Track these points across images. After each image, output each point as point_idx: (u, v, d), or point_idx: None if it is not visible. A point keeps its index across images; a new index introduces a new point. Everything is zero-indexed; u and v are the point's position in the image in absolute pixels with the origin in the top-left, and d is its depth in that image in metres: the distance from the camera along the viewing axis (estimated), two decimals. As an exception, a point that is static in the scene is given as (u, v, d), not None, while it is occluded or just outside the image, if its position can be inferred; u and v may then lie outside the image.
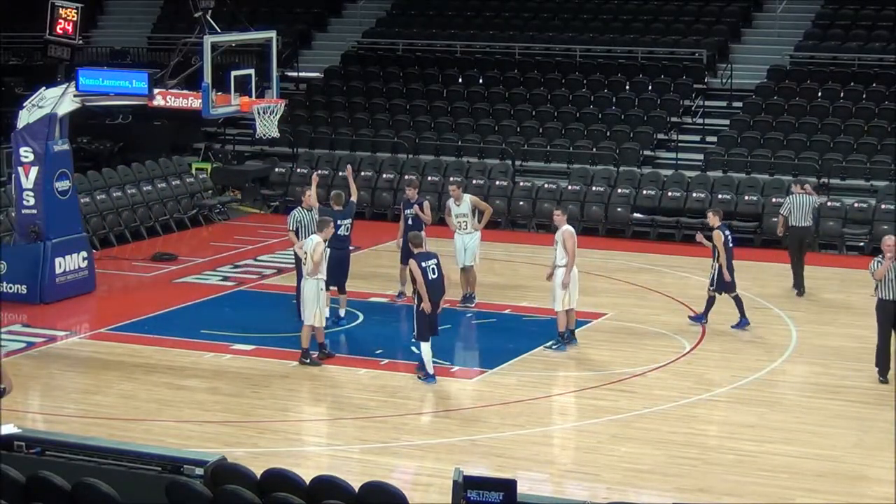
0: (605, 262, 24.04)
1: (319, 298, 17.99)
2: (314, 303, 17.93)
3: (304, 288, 18.08)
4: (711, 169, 27.89)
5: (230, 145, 31.83)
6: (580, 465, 14.84)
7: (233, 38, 21.97)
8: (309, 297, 17.95)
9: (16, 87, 32.22)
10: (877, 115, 28.26)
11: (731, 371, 18.03)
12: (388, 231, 24.04)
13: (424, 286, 17.01)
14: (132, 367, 18.17)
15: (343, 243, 19.88)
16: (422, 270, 17.07)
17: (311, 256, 17.79)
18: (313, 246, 17.88)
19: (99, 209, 26.23)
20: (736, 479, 14.11)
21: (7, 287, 21.54)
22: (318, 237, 18.01)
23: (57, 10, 22.99)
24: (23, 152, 21.61)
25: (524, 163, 29.35)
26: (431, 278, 17.18)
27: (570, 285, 18.64)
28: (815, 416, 16.21)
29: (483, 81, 31.96)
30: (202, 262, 24.59)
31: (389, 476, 13.73)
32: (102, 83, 21.19)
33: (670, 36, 32.40)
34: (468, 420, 16.18)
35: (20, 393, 17.11)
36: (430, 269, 17.19)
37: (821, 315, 21.00)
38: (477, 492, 9.48)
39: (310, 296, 17.94)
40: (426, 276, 17.10)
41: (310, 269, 17.87)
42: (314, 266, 17.80)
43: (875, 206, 25.67)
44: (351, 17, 36.39)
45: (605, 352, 18.94)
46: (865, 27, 31.41)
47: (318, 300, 17.96)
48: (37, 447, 11.27)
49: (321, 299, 18.05)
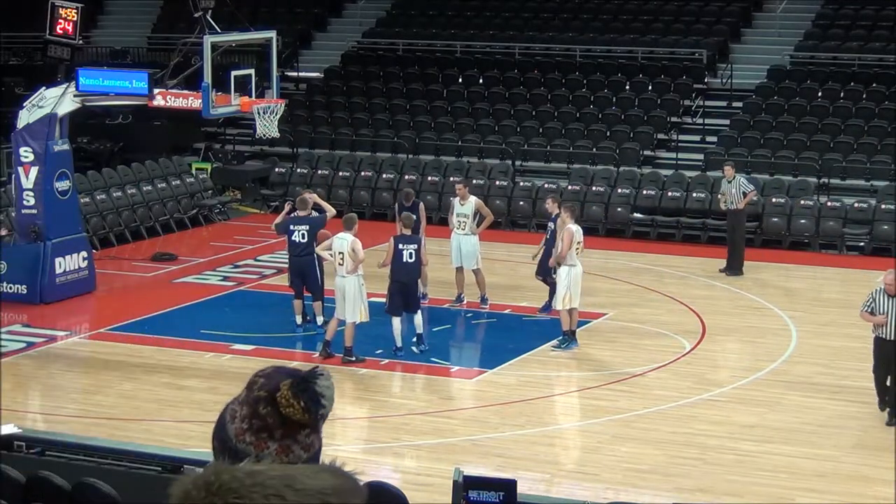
0: (605, 262, 24.04)
1: (362, 294, 18.01)
2: (358, 299, 17.91)
3: (345, 286, 17.91)
4: (711, 169, 27.87)
5: (230, 145, 31.83)
6: (580, 465, 14.85)
7: (233, 38, 21.98)
8: (352, 295, 17.89)
9: (16, 87, 32.21)
10: (877, 115, 28.25)
11: (731, 371, 18.04)
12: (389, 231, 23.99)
13: (394, 265, 18.36)
14: (132, 367, 18.17)
15: (296, 249, 19.45)
16: (397, 252, 18.29)
17: (357, 255, 17.75)
18: (350, 244, 17.85)
19: (99, 209, 26.23)
20: (736, 479, 14.11)
21: (7, 287, 21.54)
22: (351, 235, 18.01)
23: (57, 10, 22.98)
24: (23, 152, 21.60)
25: (524, 163, 29.35)
26: (407, 261, 18.36)
27: (572, 286, 18.61)
28: (815, 416, 16.21)
29: (483, 81, 31.96)
30: (202, 262, 24.58)
31: (389, 476, 13.74)
32: (102, 83, 21.20)
33: (670, 36, 32.39)
34: (468, 420, 16.18)
35: (20, 393, 17.14)
36: (408, 253, 18.39)
37: (821, 315, 20.99)
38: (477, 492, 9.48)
39: (353, 293, 17.89)
40: (401, 257, 18.32)
41: (350, 267, 17.84)
42: (356, 264, 17.81)
43: (875, 206, 25.66)
44: (351, 17, 36.38)
45: (605, 352, 18.94)
46: (865, 27, 31.40)
47: (361, 296, 17.97)
48: (37, 447, 11.27)
49: (363, 294, 18.07)
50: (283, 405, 3.23)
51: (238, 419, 3.26)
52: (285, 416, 3.23)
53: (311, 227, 19.30)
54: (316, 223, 19.40)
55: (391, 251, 18.31)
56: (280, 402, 3.23)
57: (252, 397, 3.26)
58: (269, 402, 3.24)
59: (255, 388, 3.27)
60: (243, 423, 3.25)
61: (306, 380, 3.24)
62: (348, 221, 18.31)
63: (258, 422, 3.24)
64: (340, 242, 17.98)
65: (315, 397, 3.23)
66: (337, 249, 17.97)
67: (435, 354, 18.44)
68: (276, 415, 3.24)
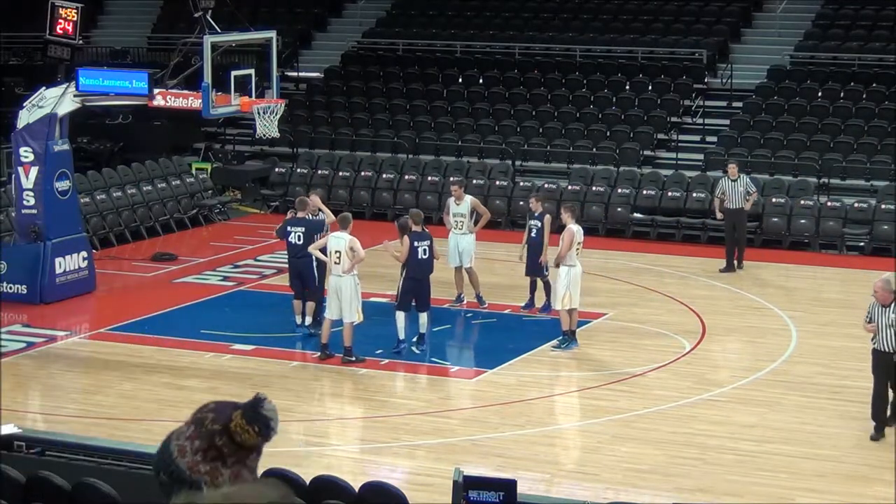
0: (605, 262, 24.04)
1: (358, 294, 18.00)
2: (355, 299, 17.91)
3: (342, 286, 17.89)
4: (711, 169, 27.87)
5: (230, 145, 31.82)
6: (580, 465, 14.85)
7: (233, 38, 21.97)
8: (348, 294, 17.89)
9: (16, 87, 32.22)
10: (877, 115, 28.25)
11: (731, 371, 18.03)
12: (388, 231, 23.98)
13: (409, 262, 18.44)
14: (132, 367, 18.17)
15: (293, 251, 19.34)
16: (412, 249, 18.41)
17: (357, 254, 17.74)
18: (349, 243, 17.82)
19: (99, 209, 26.22)
20: (736, 479, 14.11)
21: (7, 287, 21.54)
22: (348, 234, 17.99)
23: (57, 10, 22.98)
24: (23, 152, 21.61)
25: (524, 163, 29.35)
26: (422, 258, 18.51)
27: (572, 286, 18.60)
28: (815, 416, 16.21)
29: (483, 81, 31.96)
30: (202, 262, 24.58)
31: (389, 476, 13.74)
32: (102, 83, 21.19)
33: (670, 36, 32.39)
34: (468, 420, 16.18)
35: (20, 393, 17.15)
36: (422, 250, 18.51)
37: (821, 315, 20.98)
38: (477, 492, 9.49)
39: (349, 293, 17.89)
40: (416, 254, 18.45)
41: (347, 266, 17.84)
42: (353, 263, 17.81)
43: (875, 206, 25.66)
44: (351, 17, 36.38)
45: (605, 352, 18.94)
46: (865, 27, 31.40)
47: (357, 296, 17.96)
48: (37, 447, 11.28)
49: (359, 294, 18.05)
50: (239, 433, 3.62)
51: (189, 453, 3.64)
52: (239, 443, 3.63)
53: (308, 229, 19.20)
54: (312, 225, 19.32)
55: (407, 248, 18.40)
56: (235, 431, 3.62)
57: (206, 432, 3.64)
58: (224, 433, 3.62)
59: (207, 422, 3.65)
60: (196, 455, 3.63)
61: (254, 407, 3.64)
62: (344, 221, 18.31)
63: (213, 452, 3.62)
64: (337, 241, 17.96)
65: (266, 421, 3.64)
66: (333, 248, 17.95)
67: (435, 354, 18.45)
68: (231, 443, 3.63)
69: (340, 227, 18.18)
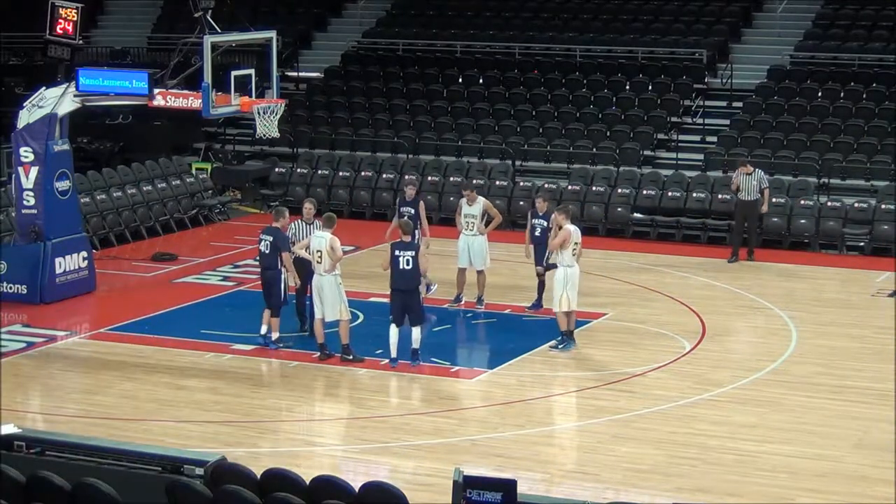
0: (605, 262, 24.04)
1: (341, 292, 17.99)
2: (337, 297, 17.92)
3: (323, 284, 17.90)
4: (711, 169, 27.89)
5: (230, 145, 31.83)
6: (580, 465, 14.84)
7: (233, 38, 21.96)
8: (332, 294, 17.90)
9: (16, 87, 32.25)
10: (877, 115, 28.26)
11: (731, 371, 18.02)
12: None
13: (391, 272, 17.87)
14: (132, 367, 18.17)
15: (261, 260, 18.96)
16: (393, 259, 17.81)
17: (335, 252, 17.74)
18: (329, 242, 17.83)
19: (99, 209, 26.22)
20: (736, 479, 14.11)
21: (7, 287, 21.55)
22: (329, 233, 18.00)
23: (57, 10, 22.98)
24: (23, 152, 21.61)
25: (524, 163, 29.35)
26: (404, 268, 17.81)
27: (569, 288, 18.57)
28: (815, 416, 16.21)
29: (483, 81, 31.97)
30: (202, 262, 24.58)
31: (389, 476, 13.74)
32: (102, 83, 21.19)
33: (670, 36, 32.40)
34: (468, 420, 16.18)
35: (20, 393, 17.15)
36: (405, 260, 17.84)
37: (821, 315, 20.99)
38: (477, 492, 9.48)
39: (330, 292, 17.90)
40: (397, 264, 17.78)
41: (328, 265, 17.83)
42: (334, 262, 17.79)
43: (875, 206, 25.66)
44: (351, 17, 36.39)
45: (605, 352, 18.94)
46: (865, 27, 31.41)
47: (340, 294, 17.95)
48: (37, 447, 11.27)
49: (342, 293, 18.03)
50: None
51: None
52: None
53: (275, 239, 18.60)
54: (279, 237, 18.60)
55: (388, 258, 18.03)
56: None
57: None
58: None
59: None
60: None
61: None
62: (328, 220, 18.28)
63: None
64: (318, 241, 17.98)
65: None
66: (315, 248, 17.97)
67: (435, 354, 18.43)
68: None
69: (324, 227, 18.20)
